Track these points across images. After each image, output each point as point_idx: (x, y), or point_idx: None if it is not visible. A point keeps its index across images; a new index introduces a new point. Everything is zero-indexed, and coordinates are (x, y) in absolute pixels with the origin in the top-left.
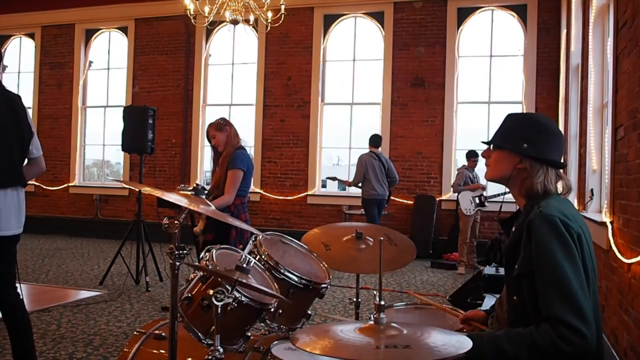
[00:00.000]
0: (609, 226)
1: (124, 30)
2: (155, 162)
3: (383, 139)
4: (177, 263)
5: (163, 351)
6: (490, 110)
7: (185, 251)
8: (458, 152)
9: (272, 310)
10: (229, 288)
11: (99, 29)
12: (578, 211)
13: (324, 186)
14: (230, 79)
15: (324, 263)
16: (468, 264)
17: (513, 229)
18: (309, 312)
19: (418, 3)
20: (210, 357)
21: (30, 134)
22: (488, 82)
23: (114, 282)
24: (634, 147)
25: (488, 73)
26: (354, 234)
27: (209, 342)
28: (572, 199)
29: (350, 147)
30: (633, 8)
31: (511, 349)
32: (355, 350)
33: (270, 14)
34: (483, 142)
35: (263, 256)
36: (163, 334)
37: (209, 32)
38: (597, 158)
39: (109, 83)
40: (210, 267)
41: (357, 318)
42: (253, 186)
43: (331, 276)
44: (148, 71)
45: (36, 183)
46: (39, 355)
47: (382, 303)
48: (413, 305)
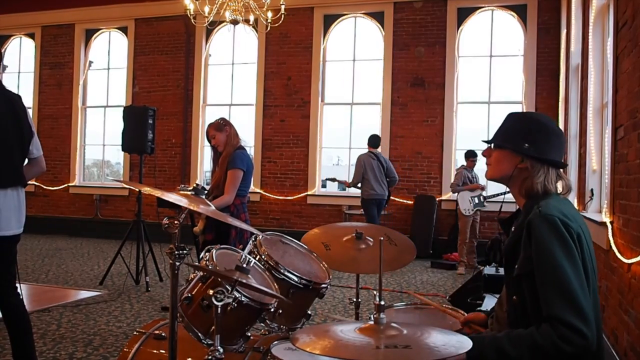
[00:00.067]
0: (609, 226)
1: (124, 30)
2: (155, 162)
3: (383, 139)
4: (177, 263)
5: (163, 351)
6: (490, 110)
7: (185, 251)
8: (458, 152)
9: (272, 310)
10: (229, 288)
11: (99, 29)
12: (578, 211)
13: (324, 186)
14: (230, 79)
15: (324, 263)
16: (468, 264)
17: (513, 229)
18: (309, 312)
19: (418, 3)
20: (210, 357)
21: (30, 134)
22: (488, 82)
23: (114, 282)
24: (634, 147)
25: (488, 73)
26: (354, 234)
27: (209, 342)
28: (572, 199)
29: (350, 147)
30: (633, 8)
31: (512, 350)
32: (355, 350)
33: (270, 14)
34: (484, 141)
35: (263, 256)
36: (163, 334)
37: (209, 32)
38: (597, 158)
39: (109, 83)
40: (210, 267)
41: (357, 318)
42: (253, 186)
43: (331, 276)
44: (148, 71)
45: (36, 183)
46: (39, 355)
47: (382, 303)
48: (413, 305)
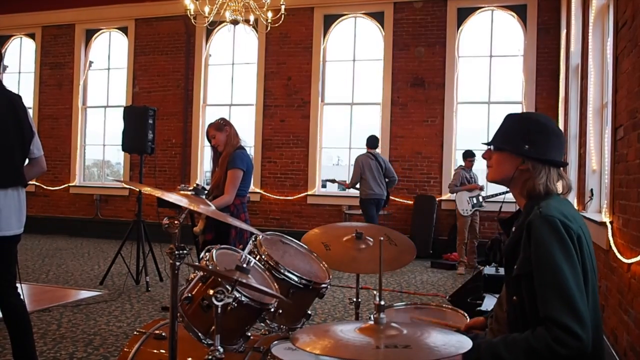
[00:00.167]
0: (609, 226)
1: (124, 30)
2: (155, 162)
3: (383, 139)
4: (177, 263)
5: (163, 351)
6: (490, 110)
7: (185, 251)
8: (458, 152)
9: (272, 310)
10: (229, 288)
11: (99, 29)
12: (578, 211)
13: (324, 186)
14: (230, 79)
15: (324, 263)
16: (468, 264)
17: (513, 229)
18: (309, 312)
19: (418, 3)
20: (210, 357)
21: (30, 134)
22: (488, 82)
23: (114, 282)
24: (634, 147)
25: (488, 73)
26: (354, 234)
27: (209, 342)
28: (572, 199)
29: (350, 147)
30: (633, 8)
31: (508, 355)
32: (355, 350)
33: (270, 14)
34: (484, 144)
35: (263, 256)
36: (163, 334)
37: (209, 32)
38: (597, 158)
39: (109, 83)
40: (210, 267)
41: (357, 318)
42: (253, 186)
43: (331, 276)
44: (148, 71)
45: (36, 183)
46: (39, 355)
47: (382, 303)
48: (413, 305)
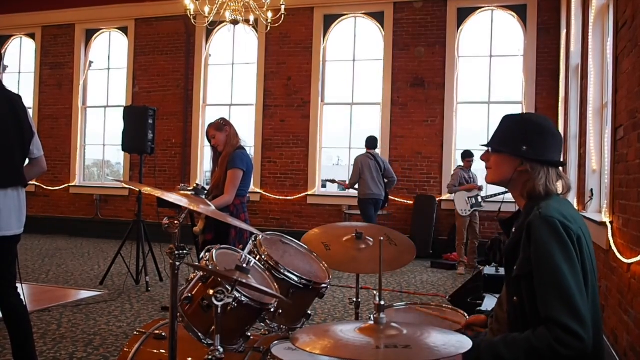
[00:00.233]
0: (609, 226)
1: (124, 30)
2: (155, 162)
3: (383, 139)
4: (177, 263)
5: (163, 351)
6: (490, 110)
7: (185, 251)
8: (458, 152)
9: (272, 310)
10: (229, 288)
11: (99, 29)
12: (578, 212)
13: (324, 186)
14: (230, 79)
15: (324, 263)
16: (468, 265)
17: (513, 230)
18: (309, 312)
19: (418, 3)
20: (210, 357)
21: (31, 134)
22: (488, 82)
23: (114, 282)
24: (634, 147)
25: (488, 73)
26: (354, 234)
27: (209, 342)
28: (572, 199)
29: (350, 147)
30: (633, 8)
31: (508, 355)
32: (355, 350)
33: (270, 14)
34: (482, 145)
35: (263, 256)
36: (163, 334)
37: (209, 32)
38: (597, 158)
39: (109, 83)
40: (210, 267)
41: (357, 318)
42: (253, 186)
43: (331, 276)
44: (148, 71)
45: (36, 183)
46: (39, 355)
47: (382, 303)
48: (413, 305)
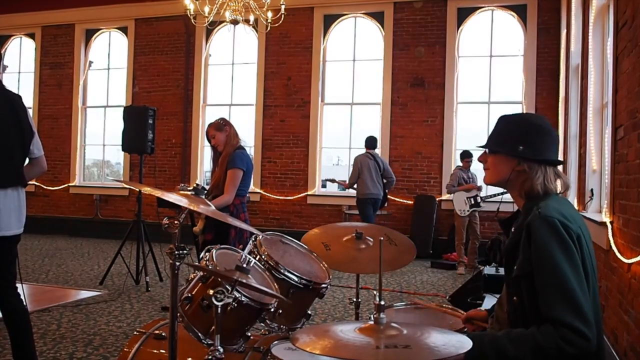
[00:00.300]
0: (609, 226)
1: (124, 30)
2: (155, 162)
3: (383, 139)
4: (177, 263)
5: (163, 351)
6: (490, 110)
7: (185, 251)
8: (458, 152)
9: (272, 310)
10: (229, 288)
11: (99, 29)
12: (577, 211)
13: (324, 186)
14: (230, 79)
15: (324, 263)
16: (468, 265)
17: (512, 230)
18: (309, 312)
19: (418, 3)
20: (210, 357)
21: (31, 134)
22: (488, 82)
23: (114, 282)
24: (634, 147)
25: (488, 73)
26: (354, 234)
27: (209, 342)
28: (572, 199)
29: (350, 147)
30: (633, 8)
31: (513, 350)
32: (355, 350)
33: (270, 14)
34: (478, 147)
35: (263, 256)
36: (163, 334)
37: (209, 32)
38: (597, 158)
39: (109, 83)
40: (210, 267)
41: (357, 318)
42: (253, 186)
43: (331, 276)
44: (148, 71)
45: (36, 183)
46: (39, 355)
47: (382, 303)
48: (413, 305)
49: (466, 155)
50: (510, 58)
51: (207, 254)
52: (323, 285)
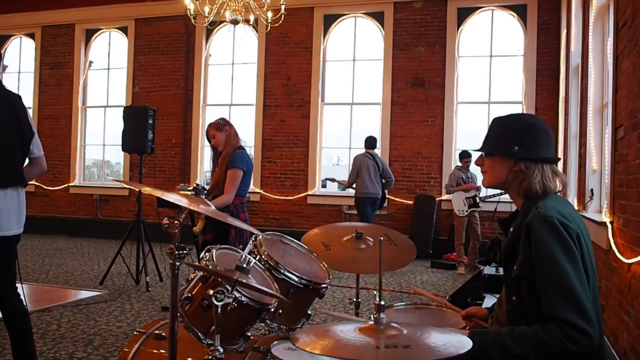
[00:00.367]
0: (609, 226)
1: (124, 30)
2: (155, 162)
3: (383, 139)
4: (177, 263)
5: (163, 351)
6: (490, 110)
7: (185, 251)
8: (458, 152)
9: (272, 310)
10: (229, 288)
11: (99, 29)
12: (576, 211)
13: (324, 186)
14: (230, 79)
15: (324, 263)
16: (469, 265)
17: (511, 230)
18: (309, 312)
19: (418, 3)
20: (210, 357)
21: (30, 134)
22: (488, 82)
23: (114, 282)
24: (634, 147)
25: (488, 73)
26: (354, 234)
27: (209, 342)
28: (572, 199)
29: (350, 147)
30: (633, 8)
31: (516, 348)
32: (355, 350)
33: (270, 14)
34: (474, 150)
35: (263, 256)
36: (163, 334)
37: (209, 32)
38: (597, 158)
39: (109, 83)
40: (210, 267)
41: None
42: (253, 186)
43: (331, 276)
44: (148, 71)
45: (36, 183)
46: (39, 355)
47: (382, 303)
48: (413, 305)
49: (465, 155)
50: (510, 58)
51: (207, 254)
52: (323, 285)
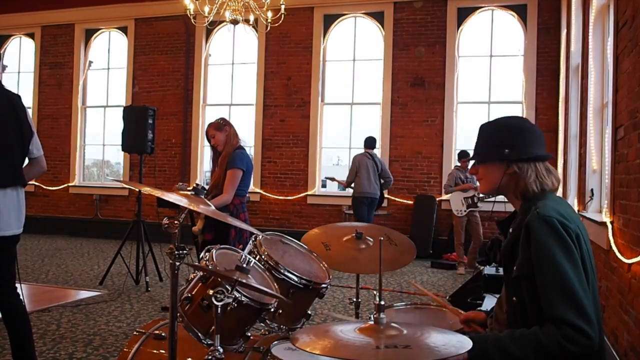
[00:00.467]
0: (609, 226)
1: (124, 30)
2: (155, 162)
3: (383, 139)
4: (177, 263)
5: (163, 351)
6: (490, 110)
7: (185, 251)
8: (458, 152)
9: (272, 310)
10: (229, 288)
11: (99, 29)
12: (575, 211)
13: (324, 186)
14: (230, 79)
15: (324, 263)
16: (468, 265)
17: (510, 230)
18: (309, 312)
19: (418, 3)
20: (210, 357)
21: (30, 134)
22: (488, 82)
23: (114, 282)
24: (634, 147)
25: (488, 73)
26: (354, 234)
27: (209, 342)
28: (572, 199)
29: (350, 147)
30: (633, 8)
31: (516, 350)
32: (355, 350)
33: (270, 14)
34: (469, 159)
35: (263, 256)
36: (163, 334)
37: (209, 32)
38: (597, 158)
39: (109, 83)
40: (210, 267)
41: (357, 318)
42: (253, 186)
43: (331, 276)
44: (148, 71)
45: (36, 183)
46: (39, 355)
47: (382, 303)
48: (413, 305)
49: (464, 155)
50: (510, 58)
51: (207, 254)
52: (323, 285)
